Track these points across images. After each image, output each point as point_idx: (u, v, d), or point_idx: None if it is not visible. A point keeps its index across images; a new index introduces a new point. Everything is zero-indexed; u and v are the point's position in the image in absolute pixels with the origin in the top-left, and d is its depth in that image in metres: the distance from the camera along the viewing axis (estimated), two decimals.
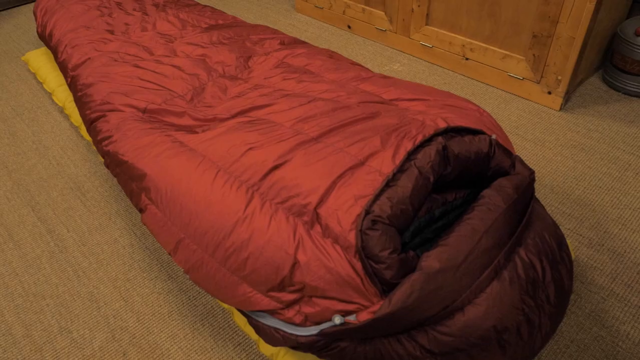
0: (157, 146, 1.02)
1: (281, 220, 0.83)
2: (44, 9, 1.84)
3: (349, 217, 0.78)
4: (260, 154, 0.91)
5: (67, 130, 1.64)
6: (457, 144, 0.86)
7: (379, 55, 1.98)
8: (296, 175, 0.85)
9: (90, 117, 1.26)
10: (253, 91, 1.17)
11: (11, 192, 1.41)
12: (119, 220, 1.29)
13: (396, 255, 0.74)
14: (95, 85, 1.32)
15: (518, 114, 1.61)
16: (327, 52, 1.35)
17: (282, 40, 1.44)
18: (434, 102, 1.08)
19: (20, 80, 1.94)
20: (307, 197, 0.82)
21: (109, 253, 1.21)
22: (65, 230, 1.28)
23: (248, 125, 1.00)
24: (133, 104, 1.21)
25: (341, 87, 1.11)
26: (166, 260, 1.18)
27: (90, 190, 1.40)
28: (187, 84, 1.26)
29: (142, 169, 0.99)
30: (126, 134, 1.09)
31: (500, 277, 0.74)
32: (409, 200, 0.79)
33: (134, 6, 1.70)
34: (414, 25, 1.89)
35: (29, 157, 1.53)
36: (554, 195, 1.30)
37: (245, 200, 0.86)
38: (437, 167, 0.83)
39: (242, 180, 0.89)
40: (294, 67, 1.25)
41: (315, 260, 0.78)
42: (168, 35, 1.51)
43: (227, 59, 1.34)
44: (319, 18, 2.28)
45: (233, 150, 0.93)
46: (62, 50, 1.57)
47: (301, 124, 0.96)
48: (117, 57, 1.42)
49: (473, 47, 1.75)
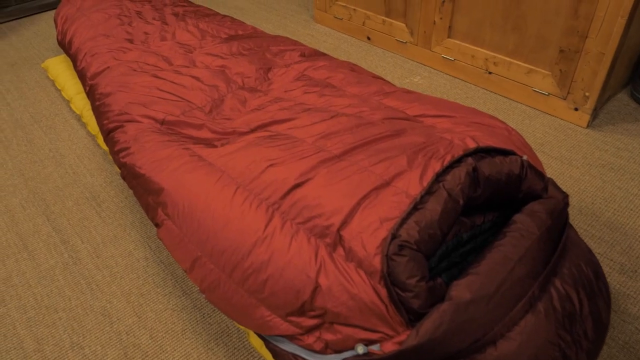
0: (175, 160, 0.99)
1: (302, 241, 0.79)
2: (65, 17, 1.84)
3: (374, 240, 0.75)
4: (281, 171, 0.88)
5: (84, 138, 1.63)
6: (487, 165, 0.82)
7: (399, 67, 1.95)
8: (318, 194, 0.82)
9: (108, 127, 1.24)
10: (273, 104, 1.15)
11: (26, 201, 1.39)
12: (133, 232, 1.27)
13: (424, 283, 0.70)
14: (114, 94, 1.31)
15: (543, 131, 1.56)
16: (349, 64, 1.32)
17: (302, 52, 1.41)
18: (460, 119, 1.04)
19: (39, 87, 1.94)
20: (330, 218, 0.79)
21: (123, 266, 1.18)
22: (79, 241, 1.26)
23: (268, 141, 0.97)
24: (151, 115, 1.19)
25: (364, 102, 1.08)
26: (180, 275, 1.15)
27: (105, 200, 1.38)
28: (206, 95, 1.24)
29: (159, 183, 0.97)
30: (144, 146, 1.07)
31: (535, 310, 0.70)
32: (438, 225, 0.75)
33: (154, 15, 1.70)
34: (436, 38, 1.86)
35: (46, 165, 1.52)
36: (582, 216, 1.25)
37: (265, 220, 0.83)
38: (467, 190, 0.79)
39: (262, 198, 0.86)
40: (315, 80, 1.22)
41: (338, 285, 0.75)
42: (187, 45, 1.50)
43: (246, 71, 1.32)
44: (338, 29, 2.26)
45: (253, 166, 0.91)
46: (81, 59, 1.56)
47: (324, 140, 0.93)
48: (136, 66, 1.41)
49: (497, 60, 1.71)
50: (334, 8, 2.21)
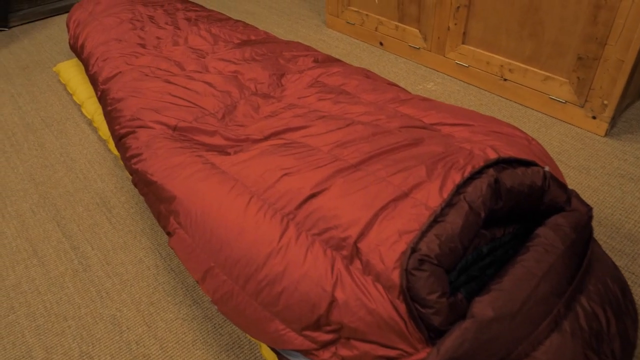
0: (187, 167, 0.98)
1: (318, 253, 0.77)
2: (77, 21, 1.84)
3: (393, 254, 0.73)
4: (296, 180, 0.86)
5: (95, 143, 1.62)
6: (509, 176, 0.80)
7: (412, 73, 1.93)
8: (335, 205, 0.80)
9: (120, 132, 1.23)
10: (287, 111, 1.13)
11: (37, 206, 1.38)
12: (144, 239, 1.26)
13: (445, 299, 0.68)
14: (126, 100, 1.30)
15: (560, 139, 1.53)
16: (363, 71, 1.30)
17: (316, 57, 1.40)
18: (478, 128, 1.01)
19: (50, 91, 1.94)
20: (347, 230, 0.77)
21: (133, 274, 1.17)
22: (89, 247, 1.24)
23: (283, 149, 0.95)
24: (163, 121, 1.17)
25: (380, 110, 1.06)
26: (191, 284, 1.13)
27: (116, 206, 1.36)
28: (219, 101, 1.23)
29: (172, 191, 0.95)
30: (156, 153, 1.06)
31: (560, 329, 0.67)
32: (459, 239, 0.72)
33: (166, 20, 1.69)
34: (450, 44, 1.83)
35: (56, 170, 1.51)
36: (602, 228, 1.22)
37: (280, 230, 0.81)
38: (489, 202, 0.76)
39: (277, 208, 0.84)
40: (330, 87, 1.21)
41: (355, 299, 0.73)
42: (200, 51, 1.48)
43: (259, 76, 1.31)
44: (350, 34, 2.24)
45: (267, 175, 0.89)
46: (93, 63, 1.55)
47: (339, 149, 0.91)
48: (148, 71, 1.40)
49: (512, 67, 1.68)
50: (346, 13, 2.20)
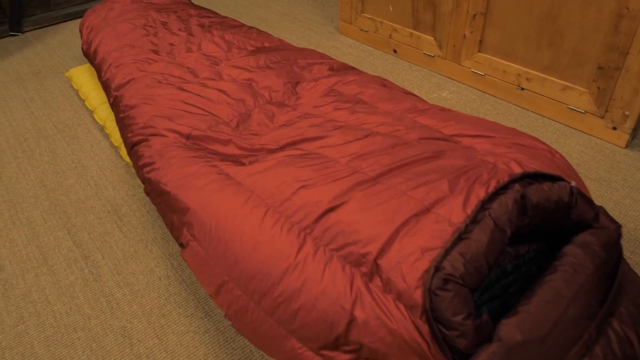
0: (201, 177, 0.96)
1: (337, 269, 0.75)
2: (90, 27, 1.83)
3: (415, 272, 0.70)
4: (313, 193, 0.83)
5: (107, 150, 1.61)
6: (535, 192, 0.77)
7: (426, 81, 1.90)
8: (354, 219, 0.78)
9: (132, 140, 1.21)
10: (302, 120, 1.11)
11: (48, 213, 1.37)
12: (155, 248, 1.24)
13: (471, 321, 0.65)
14: (138, 107, 1.28)
15: (579, 150, 1.50)
16: (379, 79, 1.28)
17: (331, 65, 1.38)
18: (499, 140, 0.99)
19: (62, 96, 1.94)
20: (367, 246, 0.74)
21: (144, 284, 1.15)
22: (100, 256, 1.23)
23: (299, 160, 0.93)
24: (176, 129, 1.15)
25: (398, 120, 1.04)
26: (203, 295, 1.11)
27: (127, 214, 1.35)
28: (233, 109, 1.21)
29: (185, 201, 0.93)
30: (169, 162, 1.04)
31: (592, 354, 0.64)
32: (484, 257, 0.70)
33: (180, 26, 1.68)
34: (466, 52, 1.81)
35: (68, 177, 1.50)
36: (624, 243, 1.18)
37: (297, 245, 0.78)
38: (515, 219, 0.74)
39: (294, 221, 0.82)
40: (346, 96, 1.18)
41: (375, 318, 0.70)
42: (213, 57, 1.47)
43: (274, 84, 1.29)
44: (364, 41, 2.22)
45: (284, 187, 0.86)
46: (106, 69, 1.54)
47: (358, 161, 0.89)
48: (162, 78, 1.38)
49: (530, 76, 1.65)
50: (359, 20, 2.18)
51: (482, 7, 1.67)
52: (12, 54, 2.32)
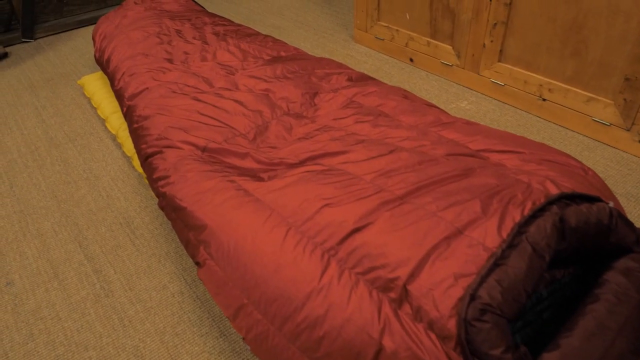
0: (219, 193, 0.92)
1: (363, 295, 0.71)
2: (103, 34, 1.81)
3: (448, 300, 0.66)
4: (338, 212, 0.79)
5: (119, 159, 1.58)
6: (573, 214, 0.73)
7: (444, 91, 1.86)
8: (381, 241, 0.74)
9: (146, 152, 1.18)
10: (322, 133, 1.07)
11: (59, 225, 1.34)
12: (168, 263, 1.20)
13: (510, 355, 0.61)
14: (153, 118, 1.25)
15: (604, 164, 1.45)
16: (400, 91, 1.24)
17: (349, 75, 1.34)
18: (529, 156, 0.94)
19: (74, 104, 1.92)
20: (396, 270, 0.70)
21: (157, 301, 1.11)
22: (112, 271, 1.19)
23: (321, 176, 0.89)
24: (192, 141, 1.12)
25: (423, 135, 1.00)
26: (218, 313, 1.08)
27: (139, 227, 1.32)
28: (250, 121, 1.18)
29: (202, 219, 0.89)
30: (185, 176, 1.00)
31: None
32: (522, 285, 0.65)
33: (194, 34, 1.65)
34: (485, 62, 1.76)
35: (79, 187, 1.47)
36: None
37: (321, 267, 0.74)
38: (554, 244, 0.69)
39: (317, 242, 0.78)
40: (367, 108, 1.15)
41: (405, 349, 0.66)
42: (229, 67, 1.44)
43: (291, 95, 1.25)
44: (379, 49, 2.18)
45: (306, 205, 0.83)
46: (119, 78, 1.52)
47: (384, 178, 0.85)
48: (176, 88, 1.35)
49: (552, 87, 1.60)
50: (375, 28, 2.15)
51: (503, 16, 1.63)
52: (24, 61, 2.31)
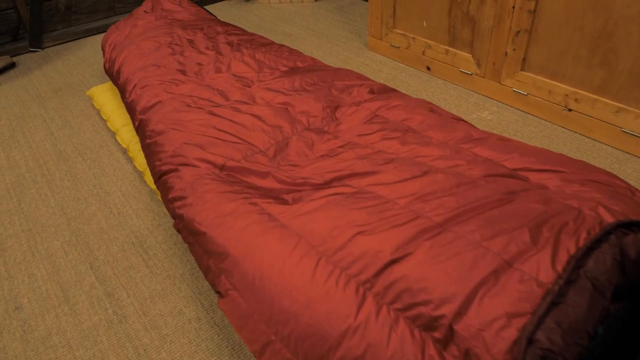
0: (241, 218, 0.87)
1: (404, 334, 0.65)
2: (113, 44, 1.76)
3: (502, 343, 0.60)
4: (372, 241, 0.73)
5: (130, 174, 1.53)
6: (632, 245, 0.67)
7: (463, 100, 1.80)
8: (422, 275, 0.68)
9: (160, 169, 1.13)
10: (347, 151, 1.01)
11: (69, 244, 1.29)
12: (184, 286, 1.15)
13: None
14: (167, 133, 1.20)
15: (636, 178, 1.39)
16: (426, 103, 1.19)
17: (371, 87, 1.28)
18: (571, 176, 0.88)
19: (83, 115, 1.87)
20: (440, 308, 0.64)
21: (173, 327, 1.05)
22: (125, 294, 1.14)
23: (352, 200, 0.83)
24: (209, 159, 1.07)
25: (457, 153, 0.94)
26: (238, 342, 1.02)
27: (153, 246, 1.26)
28: (269, 137, 1.12)
29: (224, 246, 0.84)
30: (203, 198, 0.95)
31: None
32: (583, 326, 0.59)
33: (207, 44, 1.60)
34: (507, 70, 1.70)
35: (89, 204, 1.42)
36: None
37: (356, 302, 0.69)
38: (615, 279, 0.63)
39: (351, 274, 0.72)
40: (393, 123, 1.09)
41: None
42: (244, 78, 1.39)
43: (312, 109, 1.20)
44: (394, 57, 2.13)
45: (337, 233, 0.77)
46: (130, 90, 1.47)
47: (420, 203, 0.79)
48: (190, 101, 1.30)
49: (579, 97, 1.54)
50: (390, 36, 2.09)
51: (526, 23, 1.57)
52: (32, 71, 2.27)
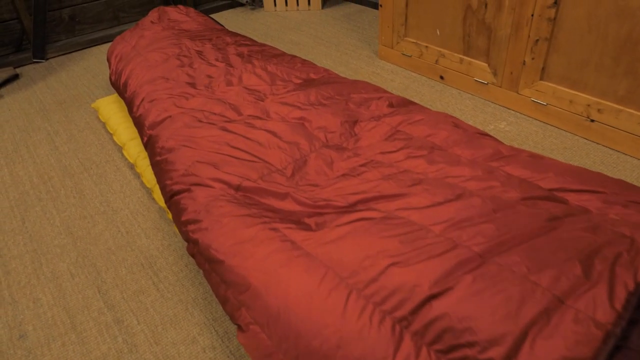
0: (262, 245, 0.81)
1: None
2: (119, 56, 1.72)
3: None
4: (408, 274, 0.68)
5: (138, 191, 1.48)
6: None
7: (480, 111, 1.75)
8: (466, 312, 0.62)
9: (172, 188, 1.08)
10: (371, 170, 0.96)
11: (75, 266, 1.23)
12: (196, 312, 1.09)
13: None
14: (178, 150, 1.15)
15: None
16: (449, 117, 1.13)
17: (390, 101, 1.23)
18: (612, 197, 0.83)
19: (88, 129, 1.82)
20: (487, 350, 0.59)
21: (187, 357, 1.00)
22: (135, 321, 1.08)
23: (381, 226, 0.78)
24: (224, 178, 1.01)
25: (489, 174, 0.88)
26: None
27: (163, 268, 1.21)
28: (286, 154, 1.07)
29: (245, 276, 0.78)
30: (220, 222, 0.89)
31: None
32: None
33: (217, 56, 1.55)
34: (525, 80, 1.65)
35: (96, 222, 1.37)
36: None
37: (393, 343, 0.63)
38: None
39: (385, 310, 0.66)
40: (417, 140, 1.03)
41: None
42: (257, 92, 1.33)
43: (330, 124, 1.14)
44: (406, 66, 2.08)
45: (368, 263, 0.71)
46: (138, 104, 1.42)
47: (456, 230, 0.73)
48: (202, 116, 1.25)
49: (602, 107, 1.49)
50: (402, 44, 2.04)
51: (546, 32, 1.52)
52: (36, 83, 2.22)
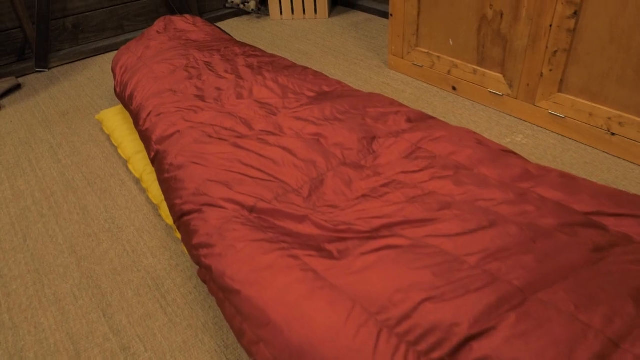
0: (281, 274, 0.76)
1: None
2: (124, 67, 1.67)
3: None
4: (444, 310, 0.63)
5: (144, 207, 1.42)
6: None
7: (495, 123, 1.70)
8: (511, 355, 0.57)
9: (182, 208, 1.03)
10: (393, 191, 0.91)
11: (79, 288, 1.18)
12: (207, 338, 1.04)
13: None
14: (187, 168, 1.10)
15: None
16: (472, 134, 1.08)
17: (407, 116, 1.18)
18: None
19: (92, 141, 1.77)
20: None
21: None
22: (142, 347, 1.03)
23: (410, 255, 0.72)
24: (237, 199, 0.96)
25: (521, 196, 0.83)
26: None
27: (171, 290, 1.15)
28: (302, 173, 1.02)
29: (264, 309, 0.73)
30: (234, 247, 0.84)
31: None
32: None
33: (226, 67, 1.50)
34: (542, 92, 1.60)
35: (101, 241, 1.32)
36: None
37: None
38: None
39: (421, 351, 0.61)
40: (441, 159, 0.98)
41: None
42: (268, 105, 1.29)
43: (347, 141, 1.09)
44: (417, 77, 2.03)
45: (399, 298, 0.66)
46: (145, 118, 1.37)
47: (494, 262, 0.68)
48: (212, 131, 1.20)
49: (623, 120, 1.44)
50: (412, 54, 2.00)
51: (565, 43, 1.48)
52: (38, 93, 2.18)
